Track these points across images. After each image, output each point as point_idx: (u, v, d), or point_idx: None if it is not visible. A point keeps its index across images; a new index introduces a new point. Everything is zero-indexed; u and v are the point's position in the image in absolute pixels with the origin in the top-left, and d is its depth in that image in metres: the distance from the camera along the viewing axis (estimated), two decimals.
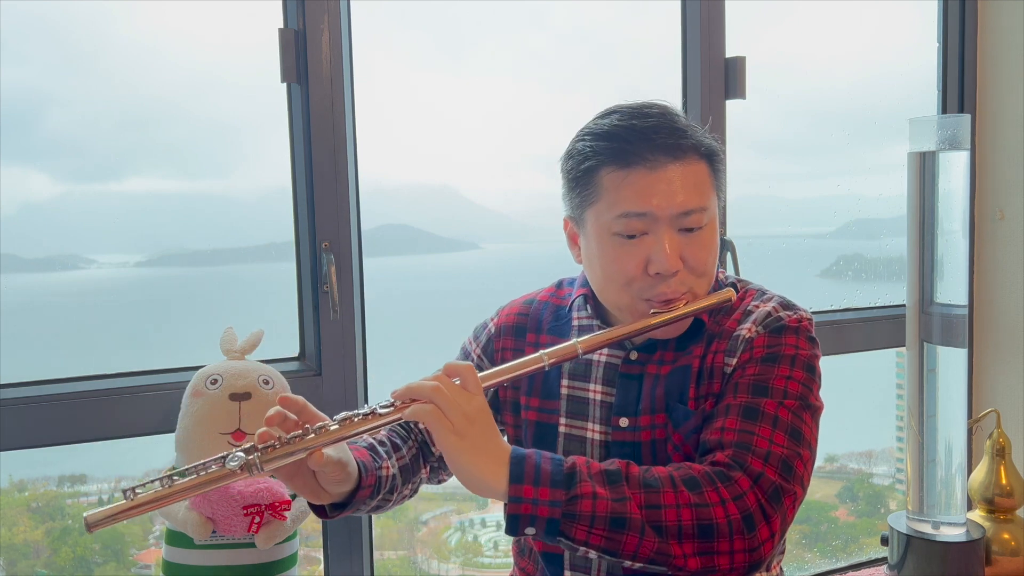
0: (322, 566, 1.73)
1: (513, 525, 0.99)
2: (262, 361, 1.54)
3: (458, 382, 1.03)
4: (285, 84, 1.65)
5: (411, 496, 1.28)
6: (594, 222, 1.15)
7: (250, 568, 1.39)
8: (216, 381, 1.42)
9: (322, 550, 1.73)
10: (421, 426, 1.27)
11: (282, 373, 1.50)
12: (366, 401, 1.72)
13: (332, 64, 1.63)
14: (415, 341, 2.51)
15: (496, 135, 2.14)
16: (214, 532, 1.36)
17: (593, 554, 1.01)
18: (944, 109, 2.30)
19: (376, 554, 1.77)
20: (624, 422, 1.19)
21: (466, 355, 1.35)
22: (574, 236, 1.23)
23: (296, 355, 1.71)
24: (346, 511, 1.13)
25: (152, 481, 0.96)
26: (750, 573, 1.03)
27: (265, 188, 1.91)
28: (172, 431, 1.46)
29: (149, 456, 1.75)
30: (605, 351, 1.22)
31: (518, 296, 1.37)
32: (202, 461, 0.98)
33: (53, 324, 1.94)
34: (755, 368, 1.13)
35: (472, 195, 2.43)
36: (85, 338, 1.99)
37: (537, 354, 1.10)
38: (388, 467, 1.17)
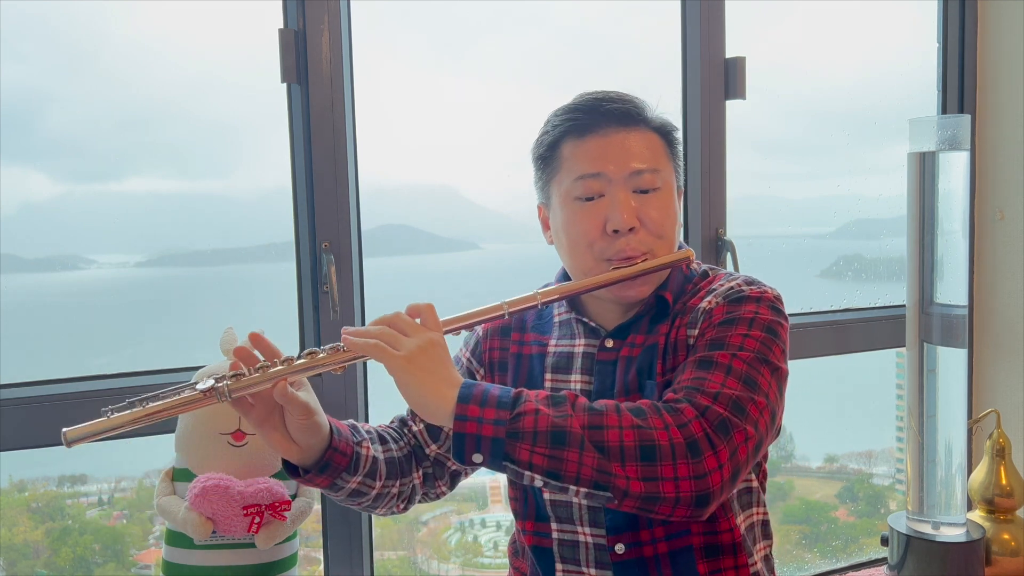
0: (322, 566, 1.73)
1: (459, 446, 1.00)
2: None
3: (419, 321, 1.07)
4: (285, 84, 1.65)
5: (404, 506, 1.27)
6: (557, 193, 1.23)
7: (250, 568, 1.39)
8: None
9: (322, 550, 1.73)
10: (415, 428, 1.29)
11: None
12: (366, 405, 1.73)
13: (332, 64, 1.63)
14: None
15: (496, 135, 2.14)
16: (214, 532, 1.36)
17: (539, 480, 1.01)
18: (944, 109, 2.30)
19: (376, 554, 1.77)
20: None
21: (458, 362, 1.38)
22: (545, 220, 1.29)
23: (296, 356, 1.70)
24: (321, 477, 1.13)
25: (128, 402, 1.01)
26: (698, 506, 1.01)
27: (265, 188, 1.91)
28: (172, 431, 1.46)
29: (149, 456, 1.75)
30: (583, 342, 1.26)
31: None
32: (173, 386, 1.04)
33: (53, 324, 1.94)
34: (712, 331, 1.15)
35: (472, 195, 2.43)
36: (85, 338, 1.99)
37: (498, 303, 1.14)
38: (368, 448, 1.18)
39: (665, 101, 1.25)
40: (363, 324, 1.71)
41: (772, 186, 2.33)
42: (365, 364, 1.72)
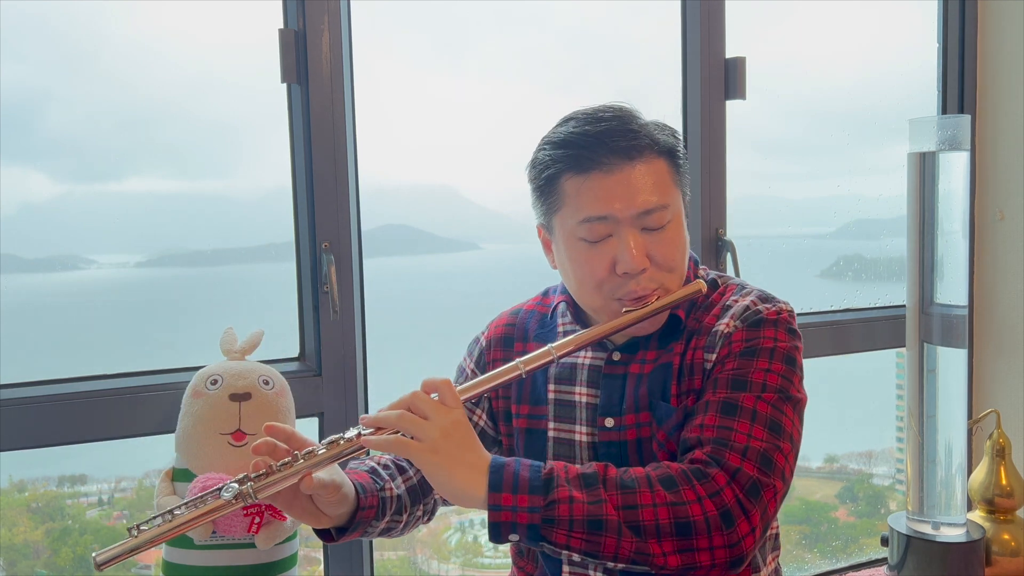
0: (322, 566, 1.73)
1: (496, 533, 1.01)
2: (262, 361, 1.54)
3: (436, 397, 1.05)
4: (285, 84, 1.65)
5: (428, 518, 1.29)
6: (561, 229, 1.17)
7: (250, 568, 1.39)
8: (216, 381, 1.42)
9: (322, 550, 1.73)
10: None
11: (282, 373, 1.50)
12: (366, 402, 1.73)
13: (332, 64, 1.63)
14: (415, 341, 2.51)
15: (496, 135, 2.14)
16: (214, 532, 1.36)
17: (576, 557, 1.02)
18: (944, 109, 2.30)
19: (376, 554, 1.77)
20: (610, 422, 1.20)
21: (461, 372, 1.37)
22: (547, 243, 1.25)
23: (296, 355, 1.71)
24: (353, 534, 1.14)
25: (155, 517, 1.00)
26: (733, 568, 1.03)
27: (265, 188, 1.91)
28: (172, 431, 1.46)
29: (149, 456, 1.75)
30: (589, 353, 1.24)
31: (512, 303, 1.38)
32: (199, 495, 1.02)
33: (53, 324, 1.94)
34: (734, 363, 1.13)
35: (472, 195, 2.43)
36: (85, 338, 1.99)
37: (513, 363, 1.12)
38: (391, 488, 1.19)
39: (664, 102, 1.23)
40: (363, 324, 1.72)
41: (772, 186, 2.33)
42: (365, 363, 1.73)
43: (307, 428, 1.64)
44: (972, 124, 2.24)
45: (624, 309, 1.15)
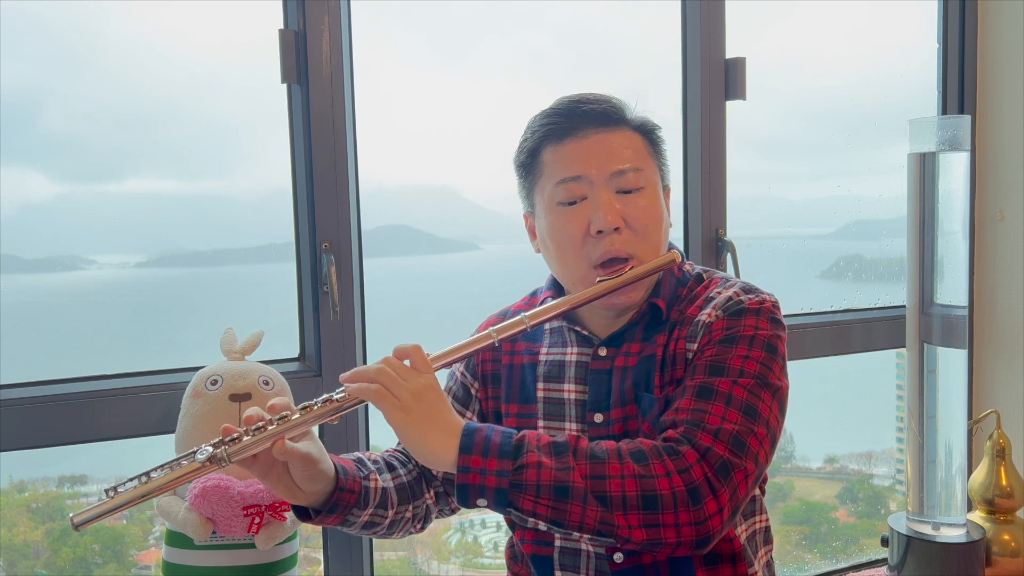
0: (322, 567, 1.73)
1: (463, 495, 1.01)
2: (262, 362, 1.54)
3: (408, 363, 1.07)
4: (285, 85, 1.65)
5: (420, 526, 1.28)
6: (540, 199, 1.21)
7: (250, 569, 1.39)
8: (216, 382, 1.42)
9: (322, 551, 1.73)
10: None
11: (282, 374, 1.50)
12: (366, 403, 1.72)
13: (332, 65, 1.63)
14: (415, 341, 2.50)
15: (496, 135, 2.14)
16: (214, 533, 1.36)
17: (543, 525, 1.02)
18: (944, 110, 2.30)
19: (376, 555, 1.77)
20: (598, 417, 1.20)
21: (453, 378, 1.37)
22: (532, 229, 1.28)
23: (296, 356, 1.71)
24: (331, 517, 1.13)
25: (130, 480, 1.01)
26: (699, 547, 1.03)
27: (265, 188, 1.91)
28: (172, 431, 1.46)
29: (149, 457, 1.74)
30: (575, 350, 1.24)
31: (512, 303, 1.38)
32: (174, 458, 1.03)
33: (53, 324, 1.94)
34: (713, 349, 1.14)
35: (472, 195, 2.43)
36: (85, 338, 1.99)
37: (486, 331, 1.13)
38: (376, 479, 1.18)
39: (664, 102, 1.24)
40: (363, 324, 1.72)
41: (772, 186, 2.33)
42: (365, 363, 1.72)
43: None
44: (972, 124, 2.24)
45: (598, 279, 1.16)
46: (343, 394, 1.05)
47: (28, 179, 1.73)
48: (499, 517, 2.69)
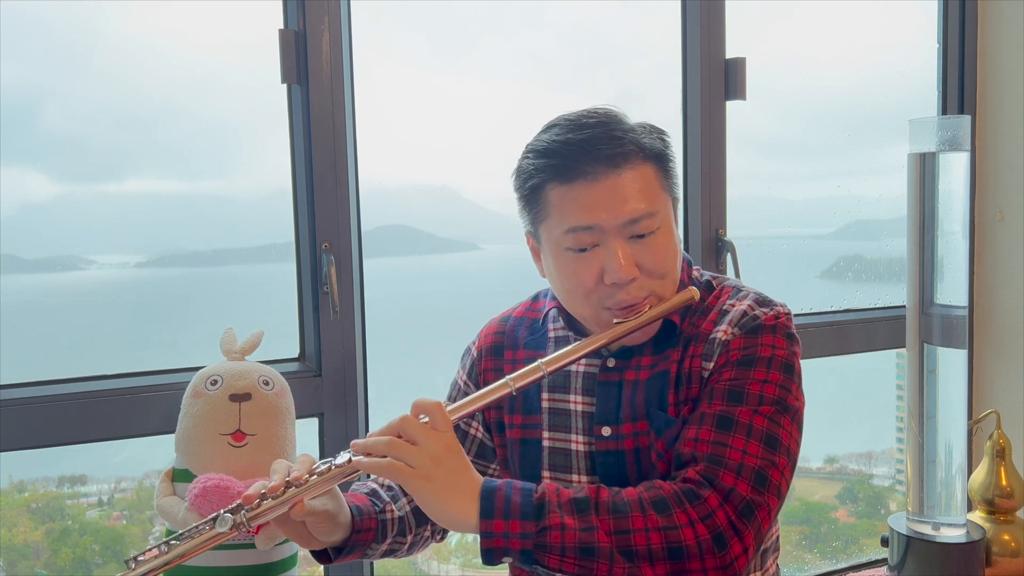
0: (322, 567, 1.73)
1: (488, 558, 1.01)
2: (262, 362, 1.54)
3: (426, 420, 1.04)
4: (285, 85, 1.65)
5: (440, 537, 1.29)
6: (547, 238, 1.15)
7: (250, 569, 1.38)
8: (216, 382, 1.42)
9: None
10: None
11: (282, 374, 1.50)
12: (366, 403, 1.72)
13: (332, 65, 1.63)
14: (415, 341, 2.50)
15: (496, 135, 2.14)
16: None
17: None
18: (944, 110, 2.30)
19: None
20: (606, 431, 1.18)
21: (455, 386, 1.36)
22: (536, 251, 1.22)
23: (296, 356, 1.71)
24: (350, 556, 1.14)
25: (151, 549, 1.03)
26: None
27: (265, 188, 1.91)
28: (172, 432, 1.46)
29: (149, 456, 1.75)
30: (583, 360, 1.21)
31: (512, 304, 1.37)
32: (195, 524, 1.05)
33: (53, 324, 1.94)
34: (731, 372, 1.12)
35: (472, 195, 2.43)
36: (85, 338, 1.99)
37: (503, 380, 1.10)
38: (392, 510, 1.19)
39: (664, 102, 1.21)
40: (363, 324, 1.71)
41: (772, 186, 2.33)
42: (365, 363, 1.73)
43: (307, 428, 1.64)
44: (972, 124, 2.24)
45: (615, 320, 1.12)
46: (363, 459, 1.04)
47: (28, 179, 1.73)
48: None
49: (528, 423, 1.25)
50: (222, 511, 1.04)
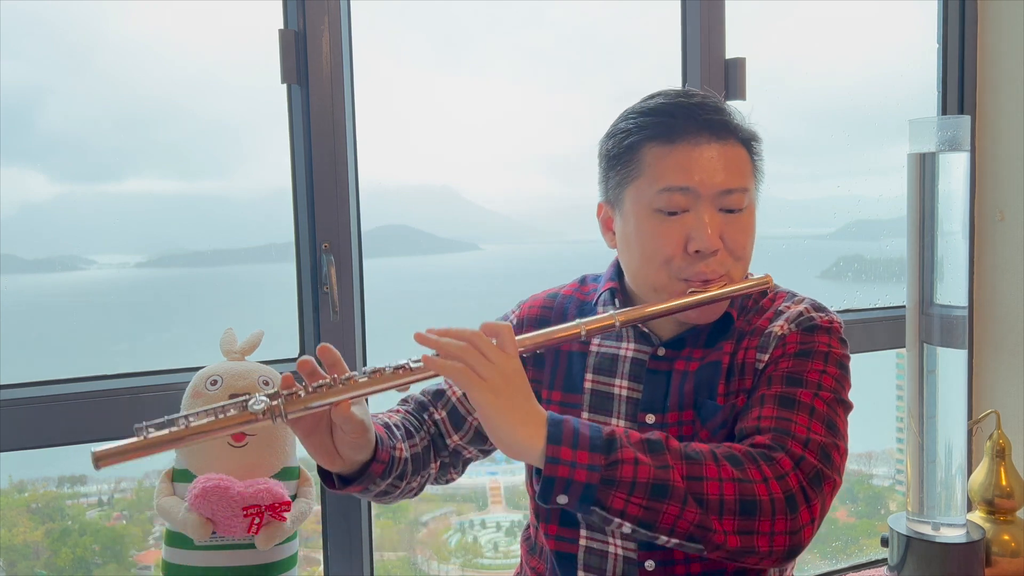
0: (322, 567, 1.73)
1: (547, 489, 0.95)
2: (262, 362, 1.54)
3: (495, 342, 1.00)
4: (285, 85, 1.65)
5: (415, 492, 1.24)
6: (634, 200, 1.14)
7: (250, 569, 1.39)
8: (216, 382, 1.42)
9: (322, 551, 1.73)
10: (437, 416, 1.25)
11: (282, 374, 1.50)
12: (366, 403, 1.72)
13: (332, 65, 1.63)
14: (415, 342, 2.50)
15: (496, 135, 2.14)
16: (214, 533, 1.36)
17: (628, 527, 0.96)
18: (944, 110, 2.30)
19: (376, 555, 1.76)
20: (651, 418, 1.17)
21: None
22: (608, 221, 1.22)
23: (296, 356, 1.71)
24: (355, 487, 1.09)
25: (166, 419, 0.91)
26: (787, 558, 1.01)
27: (265, 188, 1.91)
28: None
29: (149, 457, 1.74)
30: (632, 345, 1.20)
31: (512, 304, 1.35)
32: (220, 403, 0.93)
33: (53, 324, 1.94)
34: (789, 362, 1.12)
35: (472, 195, 2.43)
36: (85, 338, 1.99)
37: (575, 322, 1.07)
38: (401, 449, 1.14)
39: None
40: (363, 324, 1.71)
41: (772, 186, 2.32)
42: (365, 363, 1.73)
43: None
44: (972, 124, 2.24)
45: (690, 290, 1.12)
46: (420, 364, 0.98)
47: (28, 179, 1.73)
48: (500, 517, 2.69)
49: (568, 401, 1.23)
50: (258, 394, 0.93)
